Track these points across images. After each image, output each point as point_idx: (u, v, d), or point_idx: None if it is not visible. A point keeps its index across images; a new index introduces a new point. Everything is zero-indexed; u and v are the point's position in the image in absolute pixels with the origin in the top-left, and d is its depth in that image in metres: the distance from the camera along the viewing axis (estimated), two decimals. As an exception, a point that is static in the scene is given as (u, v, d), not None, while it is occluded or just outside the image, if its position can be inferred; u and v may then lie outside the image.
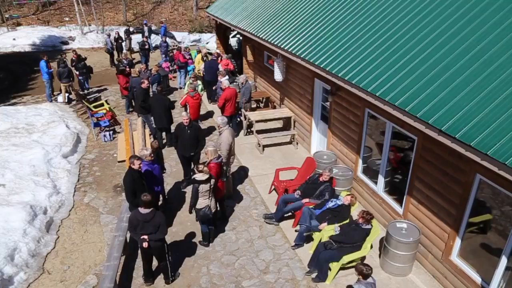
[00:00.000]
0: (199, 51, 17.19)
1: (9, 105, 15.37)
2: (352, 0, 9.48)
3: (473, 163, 5.28)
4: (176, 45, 24.76)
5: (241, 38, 17.62)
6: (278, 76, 11.83)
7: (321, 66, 8.37)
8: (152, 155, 7.89)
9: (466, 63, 5.85)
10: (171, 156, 11.15)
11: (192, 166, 9.56)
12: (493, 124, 4.88)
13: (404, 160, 7.40)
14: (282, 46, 10.26)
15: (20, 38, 26.11)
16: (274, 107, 13.46)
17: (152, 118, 11.46)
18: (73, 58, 16.42)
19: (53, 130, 12.32)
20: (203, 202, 7.14)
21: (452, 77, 5.83)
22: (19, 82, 19.04)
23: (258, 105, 14.41)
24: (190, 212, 7.51)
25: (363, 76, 7.20)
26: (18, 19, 30.50)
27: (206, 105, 14.91)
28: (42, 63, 15.29)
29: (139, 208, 6.17)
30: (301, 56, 9.24)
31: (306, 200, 7.96)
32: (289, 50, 9.83)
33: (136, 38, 23.70)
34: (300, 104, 11.41)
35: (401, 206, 7.47)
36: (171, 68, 19.01)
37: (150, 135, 11.70)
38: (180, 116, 9.73)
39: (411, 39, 7.06)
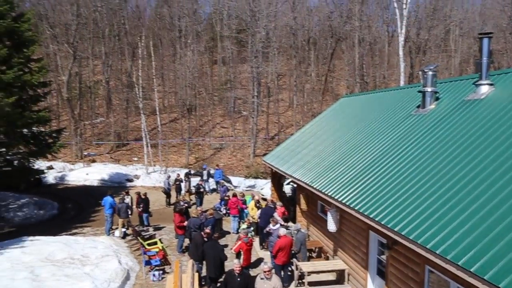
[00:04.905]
0: (253, 197, 17.67)
1: (70, 234, 16.19)
2: (406, 153, 9.80)
3: None
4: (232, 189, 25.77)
5: (295, 185, 18.12)
6: (331, 226, 11.71)
7: (376, 219, 8.29)
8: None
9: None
10: (216, 303, 10.69)
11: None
12: None
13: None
14: (336, 197, 10.41)
15: (92, 173, 28.75)
16: (327, 258, 12.99)
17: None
18: (136, 198, 17.48)
19: (106, 264, 12.52)
20: None
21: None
22: (83, 213, 20.29)
23: (310, 254, 13.99)
24: None
25: (422, 231, 6.99)
26: (94, 156, 34.07)
27: (257, 251, 14.69)
28: (109, 198, 16.36)
29: None
30: (355, 208, 9.26)
31: None
32: (343, 201, 9.93)
33: (195, 180, 25.11)
34: (354, 257, 10.97)
35: None
36: (225, 212, 19.49)
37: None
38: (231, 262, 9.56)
39: (472, 191, 6.95)
